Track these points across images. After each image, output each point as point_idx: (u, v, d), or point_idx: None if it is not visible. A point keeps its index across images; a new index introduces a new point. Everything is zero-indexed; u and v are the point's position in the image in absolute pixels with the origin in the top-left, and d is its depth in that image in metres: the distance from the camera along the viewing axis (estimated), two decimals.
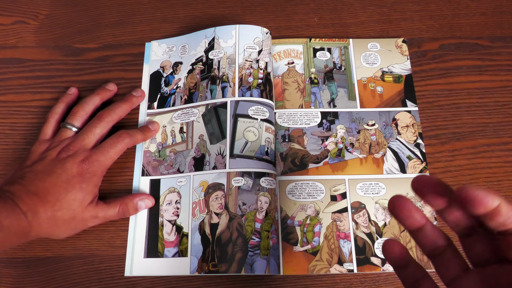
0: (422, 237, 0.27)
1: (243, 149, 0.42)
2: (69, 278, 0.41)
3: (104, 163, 0.39)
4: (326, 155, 0.45)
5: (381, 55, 0.49)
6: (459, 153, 0.45)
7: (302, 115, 0.46)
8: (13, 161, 0.45)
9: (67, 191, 0.37)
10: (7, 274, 0.41)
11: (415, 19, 0.52)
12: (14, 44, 0.50)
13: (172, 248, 0.41)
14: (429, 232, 0.27)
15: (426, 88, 0.48)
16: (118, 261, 0.41)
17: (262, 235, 0.40)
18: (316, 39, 0.50)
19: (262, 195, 0.41)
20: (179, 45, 0.49)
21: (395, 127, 0.46)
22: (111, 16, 0.52)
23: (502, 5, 0.52)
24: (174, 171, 0.43)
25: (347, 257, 0.40)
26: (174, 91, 0.47)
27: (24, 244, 0.42)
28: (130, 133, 0.42)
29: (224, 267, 0.38)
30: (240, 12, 0.52)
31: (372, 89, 0.48)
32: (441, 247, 0.27)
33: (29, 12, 0.52)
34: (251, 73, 0.45)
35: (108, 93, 0.46)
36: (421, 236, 0.27)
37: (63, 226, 0.38)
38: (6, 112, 0.47)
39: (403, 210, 0.26)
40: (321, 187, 0.43)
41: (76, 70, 0.49)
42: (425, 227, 0.27)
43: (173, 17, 0.52)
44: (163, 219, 0.42)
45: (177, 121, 0.45)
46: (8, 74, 0.49)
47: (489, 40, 0.50)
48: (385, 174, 0.44)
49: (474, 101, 0.47)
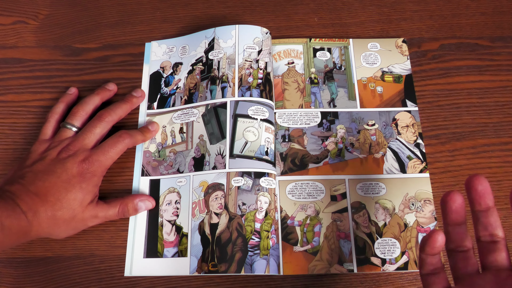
0: (457, 232, 0.30)
1: (243, 149, 0.42)
2: (69, 278, 0.41)
3: (104, 163, 0.39)
4: (326, 155, 0.45)
5: (381, 55, 0.49)
6: (459, 153, 0.45)
7: (302, 115, 0.46)
8: (13, 161, 0.45)
9: (67, 190, 0.37)
10: (7, 274, 0.41)
11: (415, 19, 0.51)
12: (14, 44, 0.50)
13: (172, 248, 0.41)
14: (463, 230, 0.31)
15: (426, 88, 0.48)
16: (118, 261, 0.41)
17: (262, 235, 0.40)
18: (316, 39, 0.50)
19: (262, 195, 0.41)
20: (179, 46, 0.49)
21: (395, 127, 0.46)
22: (111, 16, 0.52)
23: (502, 5, 0.52)
24: (174, 171, 0.44)
25: (347, 257, 0.40)
26: (174, 92, 0.47)
27: (24, 244, 0.42)
28: (130, 133, 0.42)
29: (224, 267, 0.38)
30: (240, 12, 0.52)
31: (372, 89, 0.48)
32: (466, 247, 0.31)
33: (29, 12, 0.52)
34: (250, 73, 0.45)
35: (108, 93, 0.46)
36: (457, 231, 0.31)
37: (63, 226, 0.38)
38: (6, 112, 0.47)
39: (454, 202, 0.30)
40: (321, 187, 0.43)
41: (76, 70, 0.49)
42: (463, 225, 0.31)
43: (173, 17, 0.52)
44: (163, 219, 0.42)
45: (177, 121, 0.45)
46: (8, 74, 0.49)
47: (489, 40, 0.50)
48: (385, 174, 0.44)
49: (474, 101, 0.47)
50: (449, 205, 0.30)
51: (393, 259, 0.40)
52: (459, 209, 0.30)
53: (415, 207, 0.42)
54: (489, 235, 0.30)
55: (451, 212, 0.30)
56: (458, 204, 0.30)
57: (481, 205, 0.30)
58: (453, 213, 0.30)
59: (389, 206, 0.42)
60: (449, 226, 0.31)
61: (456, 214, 0.30)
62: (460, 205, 0.30)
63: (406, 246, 0.41)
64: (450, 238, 0.31)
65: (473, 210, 0.30)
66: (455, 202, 0.30)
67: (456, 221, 0.30)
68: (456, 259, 0.31)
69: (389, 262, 0.40)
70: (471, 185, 0.30)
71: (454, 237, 0.31)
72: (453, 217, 0.30)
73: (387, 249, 0.41)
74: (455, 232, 0.31)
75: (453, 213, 0.30)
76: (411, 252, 0.41)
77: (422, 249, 0.31)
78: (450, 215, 0.30)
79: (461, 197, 0.30)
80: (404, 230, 0.41)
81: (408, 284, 0.41)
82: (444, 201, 0.30)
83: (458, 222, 0.30)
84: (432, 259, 0.31)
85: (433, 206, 0.42)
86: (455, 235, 0.31)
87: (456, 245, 0.31)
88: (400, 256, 0.40)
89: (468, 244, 0.31)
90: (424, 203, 0.42)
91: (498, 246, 0.30)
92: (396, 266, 0.40)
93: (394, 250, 0.41)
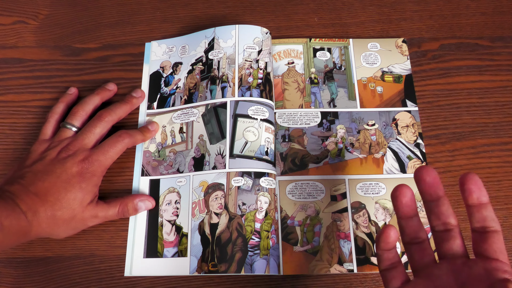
0: (411, 225, 0.31)
1: (243, 149, 0.42)
2: (69, 278, 0.41)
3: (104, 163, 0.39)
4: (326, 155, 0.45)
5: (381, 55, 0.49)
6: (459, 153, 0.45)
7: (302, 115, 0.46)
8: (13, 161, 0.45)
9: (67, 190, 0.37)
10: (7, 274, 0.41)
11: (415, 19, 0.51)
12: (14, 44, 0.50)
13: (172, 248, 0.41)
14: (416, 223, 0.31)
15: (426, 88, 0.48)
16: (118, 261, 0.41)
17: (262, 235, 0.39)
18: (316, 39, 0.50)
19: (262, 195, 0.41)
20: (179, 46, 0.49)
21: (395, 127, 0.46)
22: (111, 16, 0.52)
23: (502, 5, 0.52)
24: (173, 171, 0.43)
25: (347, 257, 0.40)
26: (174, 91, 0.47)
27: (24, 244, 0.42)
28: (130, 133, 0.42)
29: (224, 267, 0.38)
30: (240, 12, 0.52)
31: (372, 89, 0.48)
32: (421, 238, 0.31)
33: (29, 12, 0.52)
34: (250, 73, 0.45)
35: (108, 93, 0.46)
36: (410, 224, 0.31)
37: (63, 226, 0.38)
38: (6, 112, 0.47)
39: (404, 196, 0.30)
40: (321, 187, 0.43)
41: (76, 70, 0.49)
42: (415, 217, 0.31)
43: (173, 17, 0.52)
44: (163, 219, 0.42)
45: (177, 121, 0.45)
46: (8, 74, 0.49)
47: (489, 40, 0.50)
48: (385, 174, 0.44)
49: (474, 101, 0.47)
50: (399, 199, 0.31)
51: None
52: (410, 203, 0.31)
53: None
54: (442, 224, 0.30)
55: (402, 206, 0.31)
56: (408, 197, 0.31)
57: (431, 195, 0.30)
58: (404, 206, 0.31)
59: (389, 206, 0.42)
60: (402, 220, 0.31)
61: (407, 208, 0.31)
62: (410, 199, 0.31)
63: None
64: (405, 231, 0.32)
65: (425, 201, 0.31)
66: (405, 196, 0.31)
67: (408, 214, 0.31)
68: (412, 251, 0.31)
69: None
70: (420, 177, 0.30)
71: (409, 230, 0.31)
72: (404, 211, 0.31)
73: None
74: (408, 225, 0.31)
75: (404, 206, 0.31)
76: None
77: (377, 246, 0.31)
78: (401, 209, 0.31)
79: (410, 190, 0.31)
80: None
81: None
82: (394, 196, 0.31)
83: (410, 215, 0.31)
84: (388, 254, 0.32)
85: None
86: (409, 228, 0.31)
87: (411, 238, 0.31)
88: (400, 256, 0.40)
89: (422, 235, 0.31)
90: None
91: (452, 234, 0.30)
92: None
93: None
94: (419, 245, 0.31)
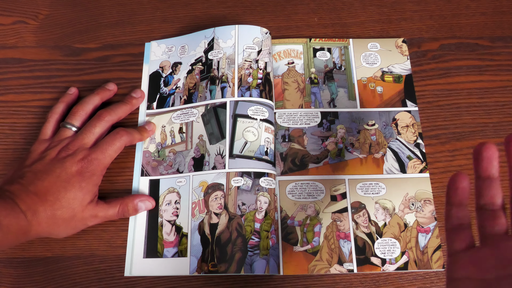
0: (490, 187, 0.29)
1: (243, 149, 0.42)
2: (69, 278, 0.41)
3: (103, 162, 0.39)
4: (326, 155, 0.45)
5: (381, 55, 0.49)
6: (459, 153, 0.45)
7: (302, 115, 0.46)
8: (13, 161, 0.45)
9: (66, 190, 0.37)
10: (7, 274, 0.41)
11: (415, 19, 0.51)
12: (14, 44, 0.50)
13: (172, 248, 0.41)
14: (496, 186, 0.29)
15: (426, 88, 0.48)
16: (118, 261, 0.41)
17: (262, 235, 0.39)
18: (316, 39, 0.50)
19: (262, 195, 0.41)
20: (178, 46, 0.49)
21: (395, 127, 0.46)
22: (111, 16, 0.52)
23: (502, 5, 0.52)
24: (173, 171, 0.43)
25: (347, 257, 0.40)
26: (173, 91, 0.47)
27: (24, 244, 0.42)
28: (127, 131, 0.42)
29: (224, 267, 0.38)
30: (240, 12, 0.52)
31: (372, 89, 0.47)
32: (496, 205, 0.29)
33: (29, 12, 0.52)
34: (250, 73, 0.45)
35: (108, 93, 0.46)
36: (489, 186, 0.29)
37: (63, 225, 0.38)
38: (6, 112, 0.47)
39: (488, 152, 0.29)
40: (321, 187, 0.43)
41: (76, 70, 0.49)
42: (495, 180, 0.29)
43: (173, 17, 0.52)
44: (163, 219, 0.42)
45: (177, 121, 0.45)
46: (8, 74, 0.49)
47: (489, 40, 0.50)
48: (385, 174, 0.44)
49: (474, 101, 0.47)
50: (483, 154, 0.29)
51: (393, 259, 0.40)
52: (493, 161, 0.29)
53: (415, 207, 0.42)
54: (492, 202, 0.29)
55: (484, 161, 0.29)
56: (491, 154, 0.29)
57: (489, 172, 0.29)
58: (487, 162, 0.29)
59: (389, 206, 0.42)
60: (481, 180, 0.29)
61: (490, 165, 0.29)
62: (494, 156, 0.29)
63: (406, 246, 0.41)
64: (482, 193, 0.29)
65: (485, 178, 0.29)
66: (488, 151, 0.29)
67: (490, 172, 0.29)
68: (484, 217, 0.29)
69: (389, 262, 0.40)
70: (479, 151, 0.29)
71: (486, 192, 0.29)
72: (487, 167, 0.29)
73: (387, 249, 0.41)
74: (485, 186, 0.29)
75: (486, 162, 0.29)
76: (411, 252, 0.41)
77: (447, 196, 0.30)
78: (483, 165, 0.29)
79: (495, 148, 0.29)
80: (404, 230, 0.41)
81: (408, 284, 0.40)
82: (477, 151, 0.29)
83: (492, 173, 0.29)
84: (457, 211, 0.30)
85: (433, 206, 0.42)
86: (485, 189, 0.29)
87: (487, 202, 0.29)
88: (400, 256, 0.40)
89: (498, 202, 0.29)
90: (424, 203, 0.42)
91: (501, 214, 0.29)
92: (396, 266, 0.40)
93: (394, 250, 0.41)
94: (493, 213, 0.29)
